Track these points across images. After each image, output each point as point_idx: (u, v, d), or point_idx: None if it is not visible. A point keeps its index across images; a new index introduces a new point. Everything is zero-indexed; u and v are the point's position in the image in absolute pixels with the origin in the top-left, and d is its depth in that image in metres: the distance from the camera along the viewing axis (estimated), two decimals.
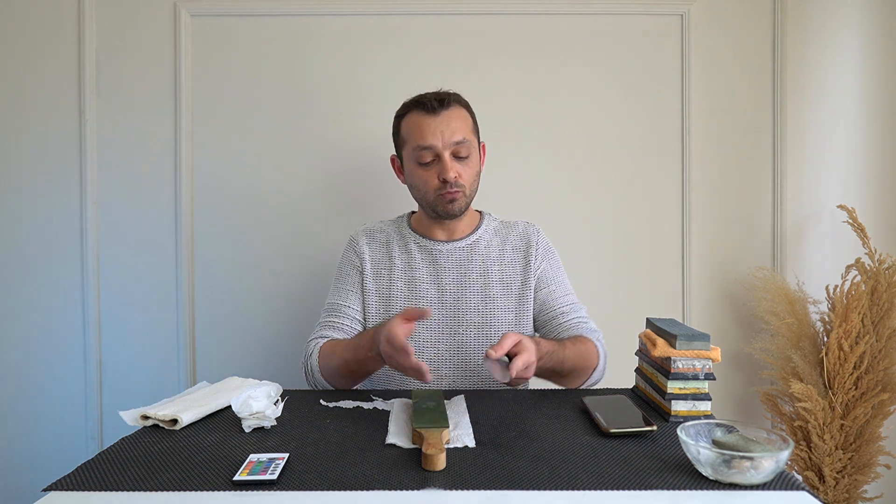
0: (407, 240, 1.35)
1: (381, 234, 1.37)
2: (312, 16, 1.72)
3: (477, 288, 1.29)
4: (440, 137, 1.24)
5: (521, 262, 1.33)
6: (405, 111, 1.31)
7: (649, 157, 1.75)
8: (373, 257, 1.34)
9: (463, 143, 1.25)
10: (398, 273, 1.31)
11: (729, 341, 1.76)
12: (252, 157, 1.74)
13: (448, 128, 1.24)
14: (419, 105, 1.27)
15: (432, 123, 1.25)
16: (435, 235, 1.34)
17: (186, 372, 1.75)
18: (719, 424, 0.80)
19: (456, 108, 1.28)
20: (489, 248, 1.33)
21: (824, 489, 1.60)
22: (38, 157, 1.72)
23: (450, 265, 1.31)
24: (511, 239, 1.35)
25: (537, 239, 1.35)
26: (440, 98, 1.26)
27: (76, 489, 0.72)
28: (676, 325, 1.03)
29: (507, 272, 1.32)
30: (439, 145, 1.24)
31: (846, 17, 1.74)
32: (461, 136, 1.25)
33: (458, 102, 1.30)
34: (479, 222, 1.37)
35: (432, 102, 1.25)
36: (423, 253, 1.32)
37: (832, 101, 1.75)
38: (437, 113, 1.25)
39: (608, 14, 1.73)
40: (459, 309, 1.28)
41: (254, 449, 0.84)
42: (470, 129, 1.29)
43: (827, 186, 1.76)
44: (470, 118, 1.31)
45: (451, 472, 0.75)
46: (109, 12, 1.71)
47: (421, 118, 1.26)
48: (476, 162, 1.31)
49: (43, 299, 1.73)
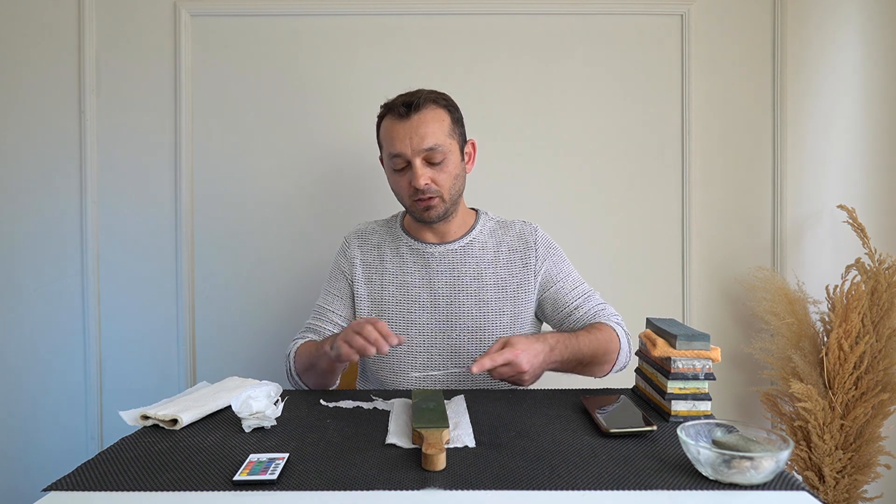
0: (399, 242, 1.32)
1: (373, 236, 1.35)
2: (312, 16, 1.72)
3: (470, 291, 1.26)
4: (409, 144, 1.19)
5: (518, 263, 1.29)
6: (382, 115, 1.26)
7: (649, 156, 1.75)
8: (364, 260, 1.32)
9: (435, 150, 1.19)
10: (390, 277, 1.29)
11: (729, 341, 1.76)
12: (252, 157, 1.74)
13: (417, 134, 1.19)
14: (390, 110, 1.23)
15: (401, 130, 1.20)
16: (426, 238, 1.30)
17: (186, 372, 1.75)
18: (719, 424, 0.80)
19: (429, 111, 1.21)
20: (484, 249, 1.30)
21: (824, 489, 1.60)
22: (38, 157, 1.72)
23: (442, 268, 1.28)
24: (507, 240, 1.31)
25: (535, 238, 1.31)
26: (408, 102, 1.20)
27: (76, 489, 0.72)
28: (676, 325, 1.03)
29: (501, 274, 1.28)
30: (408, 152, 1.19)
31: (846, 17, 1.74)
32: (432, 141, 1.19)
33: (433, 102, 1.22)
34: (473, 223, 1.34)
35: (400, 108, 1.20)
36: (415, 256, 1.30)
37: (832, 101, 1.75)
38: (407, 118, 1.19)
39: (608, 14, 1.73)
40: (452, 313, 1.25)
41: (254, 449, 0.84)
42: (445, 132, 1.22)
43: (827, 186, 1.76)
44: (447, 118, 1.23)
45: (451, 472, 0.75)
46: (109, 12, 1.71)
47: (391, 124, 1.22)
48: (454, 165, 1.23)
49: (43, 299, 1.73)
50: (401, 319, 1.26)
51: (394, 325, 1.26)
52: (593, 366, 1.20)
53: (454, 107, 1.27)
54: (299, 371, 1.24)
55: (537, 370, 1.10)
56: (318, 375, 1.21)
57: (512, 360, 1.03)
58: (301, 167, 1.74)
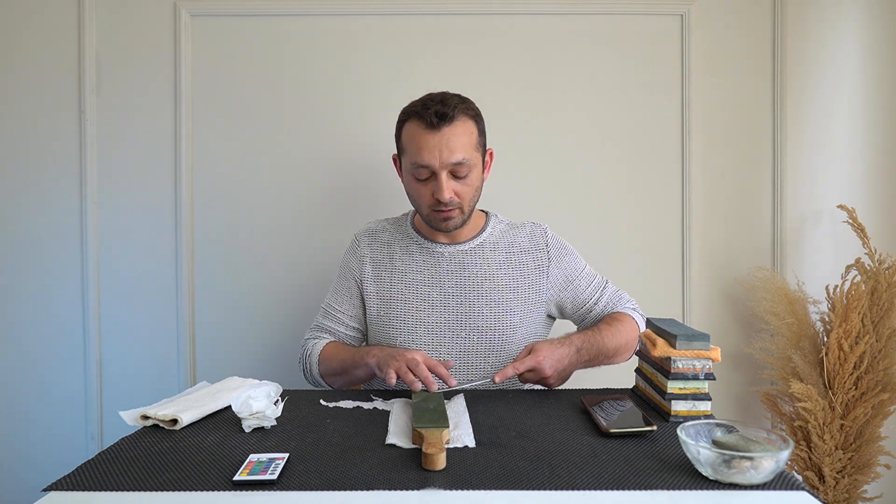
0: (409, 241, 1.32)
1: (383, 234, 1.35)
2: (312, 16, 1.72)
3: (482, 292, 1.26)
4: (437, 157, 1.16)
5: (531, 265, 1.29)
6: (407, 117, 1.23)
7: (649, 157, 1.75)
8: (374, 258, 1.32)
9: (462, 164, 1.18)
10: (399, 275, 1.29)
11: (729, 341, 1.76)
12: (252, 157, 1.74)
13: (447, 147, 1.16)
14: (419, 117, 1.18)
15: (431, 140, 1.16)
16: (437, 237, 1.30)
17: (186, 372, 1.75)
18: (719, 424, 0.80)
19: (460, 123, 1.18)
20: (495, 251, 1.30)
21: (824, 489, 1.60)
22: (38, 157, 1.72)
23: (452, 268, 1.28)
24: (518, 241, 1.31)
25: (546, 240, 1.32)
26: (441, 113, 1.16)
27: (76, 489, 0.72)
28: (676, 325, 1.03)
29: (514, 276, 1.28)
30: (436, 165, 1.17)
31: (846, 17, 1.74)
32: (461, 156, 1.17)
33: (464, 114, 1.20)
34: (484, 224, 1.34)
35: (433, 118, 1.16)
36: (426, 255, 1.30)
37: (832, 102, 1.75)
38: (438, 129, 1.16)
39: (608, 14, 1.73)
40: (463, 313, 1.25)
41: (254, 449, 0.84)
42: (473, 146, 1.21)
43: (827, 186, 1.76)
44: (475, 130, 1.22)
45: (451, 472, 0.75)
46: (109, 12, 1.71)
47: (420, 132, 1.18)
48: (477, 177, 1.24)
49: (43, 299, 1.73)
50: (409, 318, 1.26)
51: (402, 324, 1.26)
52: (618, 356, 1.25)
53: (480, 116, 1.26)
54: (324, 373, 1.28)
55: (563, 373, 1.14)
56: (352, 381, 1.26)
57: (535, 367, 1.08)
58: (301, 167, 1.74)
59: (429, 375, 1.05)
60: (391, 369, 1.07)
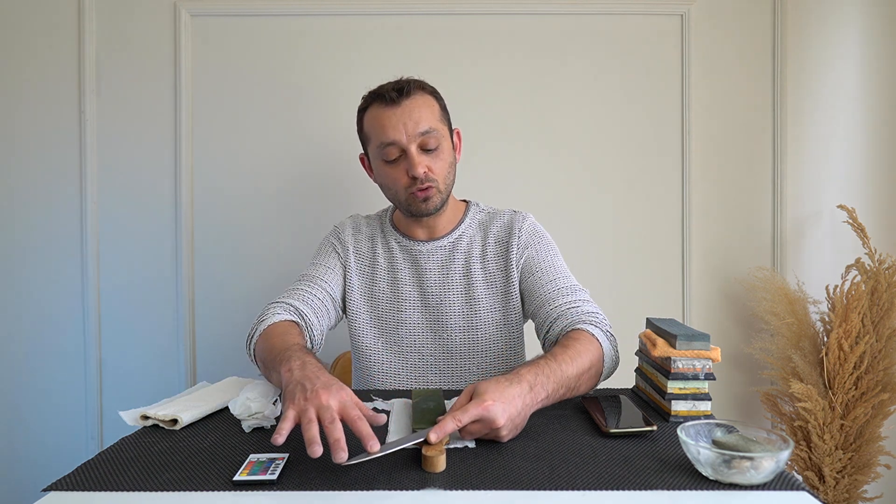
0: (389, 238, 1.28)
1: (366, 229, 1.31)
2: (312, 16, 1.72)
3: (460, 289, 1.22)
4: (403, 130, 1.13)
5: (503, 254, 1.23)
6: (366, 105, 1.20)
7: (649, 157, 1.75)
8: (357, 249, 1.28)
9: (430, 133, 1.15)
10: (381, 272, 1.26)
11: (729, 341, 1.76)
12: (252, 157, 1.74)
13: (411, 119, 1.14)
14: (378, 97, 1.17)
15: (393, 116, 1.14)
16: (416, 234, 1.26)
17: (186, 372, 1.75)
18: (719, 424, 0.80)
19: (419, 96, 1.17)
20: (472, 244, 1.25)
21: (824, 489, 1.60)
22: (38, 157, 1.72)
23: (431, 266, 1.24)
24: (493, 231, 1.25)
25: (521, 226, 1.24)
26: (399, 87, 1.15)
27: (76, 489, 0.72)
28: (676, 325, 1.03)
29: (489, 268, 1.23)
30: (403, 139, 1.14)
31: (846, 18, 1.74)
32: (426, 125, 1.15)
33: (421, 88, 1.18)
34: (462, 215, 1.29)
35: (391, 93, 1.14)
36: (405, 253, 1.26)
37: (832, 102, 1.75)
38: (398, 103, 1.14)
39: (608, 14, 1.73)
40: (443, 312, 1.22)
41: (254, 449, 0.83)
42: (437, 117, 1.18)
43: (827, 186, 1.76)
44: (436, 104, 1.20)
45: (451, 472, 0.75)
46: (109, 12, 1.71)
47: (381, 111, 1.16)
48: (448, 152, 1.20)
49: (43, 299, 1.73)
50: (391, 318, 1.24)
51: (385, 323, 1.24)
52: (581, 385, 0.98)
53: (439, 94, 1.24)
54: (257, 353, 1.08)
55: (517, 420, 0.83)
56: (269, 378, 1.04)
57: (482, 416, 0.79)
58: (301, 167, 1.74)
59: (341, 438, 0.73)
60: (293, 410, 0.77)
